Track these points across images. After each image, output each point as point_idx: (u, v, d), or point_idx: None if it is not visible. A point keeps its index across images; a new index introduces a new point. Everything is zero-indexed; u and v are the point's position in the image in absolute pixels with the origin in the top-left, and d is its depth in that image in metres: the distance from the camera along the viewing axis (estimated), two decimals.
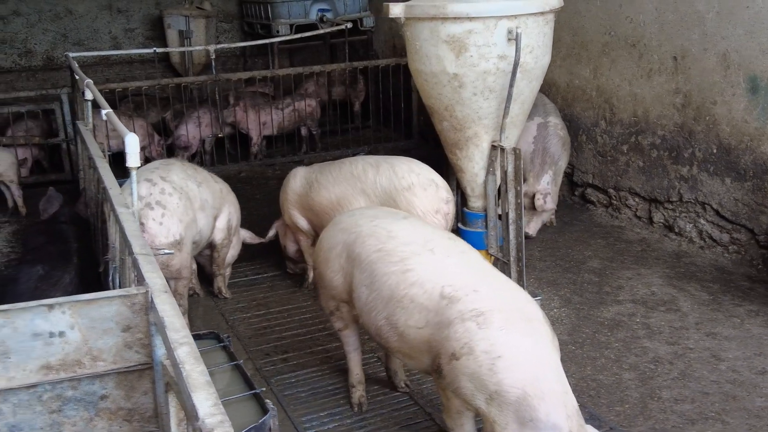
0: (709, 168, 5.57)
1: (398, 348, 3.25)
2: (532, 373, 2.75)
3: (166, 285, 2.49)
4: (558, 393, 2.75)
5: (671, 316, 4.76)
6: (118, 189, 3.70)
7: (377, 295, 3.26)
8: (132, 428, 2.62)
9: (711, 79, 5.43)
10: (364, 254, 3.37)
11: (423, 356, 3.12)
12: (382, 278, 3.24)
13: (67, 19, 9.95)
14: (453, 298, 2.99)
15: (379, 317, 3.25)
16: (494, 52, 4.11)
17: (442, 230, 3.66)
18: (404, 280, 3.15)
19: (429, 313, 3.04)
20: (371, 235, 3.41)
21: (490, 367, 2.78)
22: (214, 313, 5.08)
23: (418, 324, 3.08)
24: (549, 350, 2.87)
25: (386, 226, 3.44)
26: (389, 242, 3.33)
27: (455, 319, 2.92)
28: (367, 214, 3.66)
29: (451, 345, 2.90)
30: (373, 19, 9.63)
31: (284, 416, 3.86)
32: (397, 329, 3.17)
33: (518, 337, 2.84)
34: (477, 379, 2.81)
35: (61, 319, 2.40)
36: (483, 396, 2.81)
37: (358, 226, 3.52)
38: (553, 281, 5.32)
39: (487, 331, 2.84)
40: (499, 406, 2.77)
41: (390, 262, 3.24)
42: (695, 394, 3.96)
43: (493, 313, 2.88)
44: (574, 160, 6.83)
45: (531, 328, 2.88)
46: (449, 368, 2.91)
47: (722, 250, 5.57)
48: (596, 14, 6.34)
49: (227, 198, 5.02)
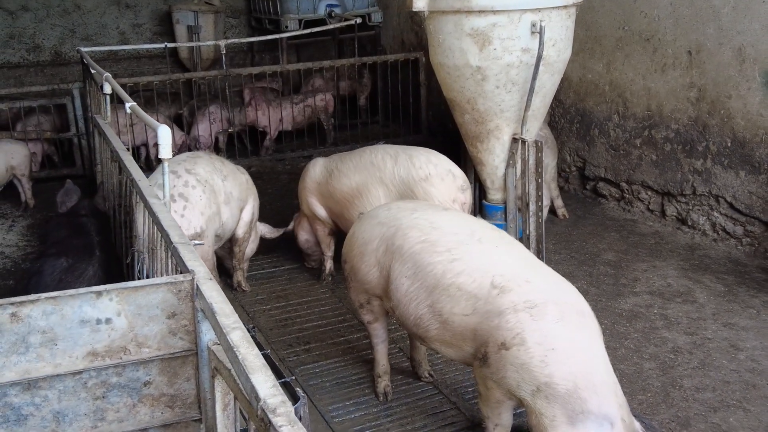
0: (723, 161, 5.62)
1: (437, 336, 3.24)
2: (583, 367, 2.76)
3: (209, 273, 2.52)
4: (609, 384, 2.77)
5: (688, 307, 4.81)
6: (147, 181, 3.72)
7: (420, 284, 3.25)
8: (174, 414, 2.65)
9: (726, 74, 5.47)
10: (406, 246, 3.36)
11: (465, 344, 3.11)
12: (426, 268, 3.23)
13: (76, 14, 9.96)
14: (504, 288, 2.98)
15: (421, 306, 3.24)
16: (518, 45, 4.14)
17: (484, 221, 3.65)
18: (451, 269, 3.14)
19: (478, 301, 3.03)
20: (413, 227, 3.40)
21: (542, 359, 2.78)
22: (234, 305, 5.06)
23: (465, 311, 3.06)
24: (599, 344, 2.89)
25: (428, 217, 3.43)
26: (433, 233, 3.32)
27: (507, 309, 2.92)
28: (405, 207, 3.64)
29: (502, 334, 2.90)
30: (381, 15, 9.66)
31: (310, 405, 3.89)
32: (441, 317, 3.16)
33: (571, 330, 2.84)
34: (526, 371, 2.81)
35: (108, 306, 2.43)
36: (530, 387, 2.82)
37: (398, 219, 3.50)
38: (569, 274, 5.36)
39: (541, 323, 2.85)
40: (546, 398, 2.78)
41: (435, 252, 3.23)
42: (716, 383, 4.00)
43: (547, 305, 2.89)
44: (586, 154, 6.87)
45: (582, 322, 2.90)
46: (497, 357, 2.91)
47: (736, 243, 5.62)
48: (610, 9, 6.37)
49: (252, 190, 5.06)
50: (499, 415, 3.10)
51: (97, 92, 5.64)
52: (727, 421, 3.69)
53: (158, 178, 4.18)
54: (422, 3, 4.26)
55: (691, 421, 3.71)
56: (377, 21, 9.68)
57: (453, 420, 3.76)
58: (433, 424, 3.74)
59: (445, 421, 3.76)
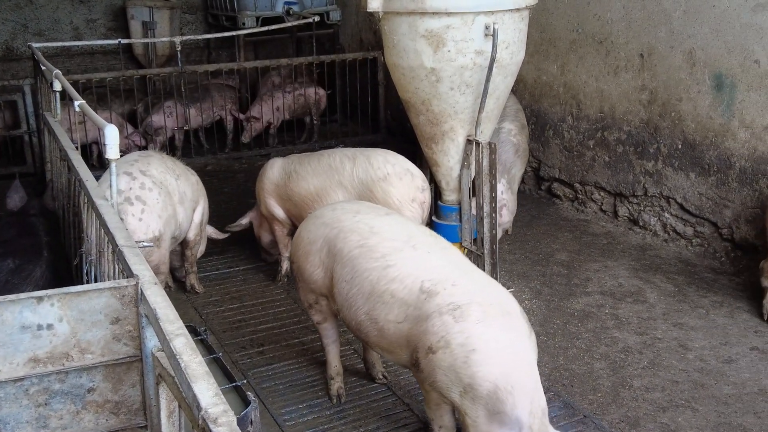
0: (674, 163, 5.71)
1: (377, 343, 3.28)
2: (504, 368, 2.79)
3: (154, 277, 2.48)
4: (527, 389, 2.79)
5: (639, 307, 4.88)
6: (94, 181, 3.65)
7: (358, 290, 3.27)
8: (119, 421, 2.60)
9: (677, 77, 5.56)
10: (345, 249, 3.38)
11: (402, 351, 3.15)
12: (363, 274, 3.26)
13: (28, 8, 9.74)
14: (431, 292, 3.02)
15: (360, 312, 3.27)
16: (471, 47, 4.15)
17: (424, 227, 3.68)
18: (385, 276, 3.17)
19: (408, 307, 3.07)
20: (354, 231, 3.42)
21: (465, 360, 2.82)
22: (187, 307, 5.04)
23: (398, 319, 3.11)
24: (524, 345, 2.91)
25: (369, 221, 3.45)
26: (371, 238, 3.34)
27: (433, 313, 2.96)
28: (348, 209, 3.66)
29: (429, 338, 2.94)
30: (339, 13, 9.63)
31: (263, 409, 3.87)
32: (377, 324, 3.20)
33: (494, 331, 2.87)
34: (452, 372, 2.85)
35: (50, 311, 2.37)
36: (457, 389, 2.86)
37: (340, 221, 3.52)
38: (523, 274, 5.41)
39: (464, 324, 2.88)
40: (471, 399, 2.82)
41: (371, 258, 3.26)
42: (665, 383, 4.07)
43: (470, 307, 2.92)
44: (541, 155, 6.93)
45: (508, 323, 2.92)
46: (426, 362, 2.95)
47: (686, 243, 5.72)
48: (564, 11, 6.44)
49: (202, 191, 4.99)
50: (441, 417, 3.14)
51: (47, 89, 5.53)
52: (675, 421, 3.75)
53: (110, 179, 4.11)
54: (377, 3, 4.25)
55: (641, 420, 3.76)
56: (336, 19, 9.65)
57: (406, 422, 3.77)
58: (387, 426, 3.74)
59: (398, 423, 3.76)
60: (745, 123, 5.15)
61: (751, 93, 5.07)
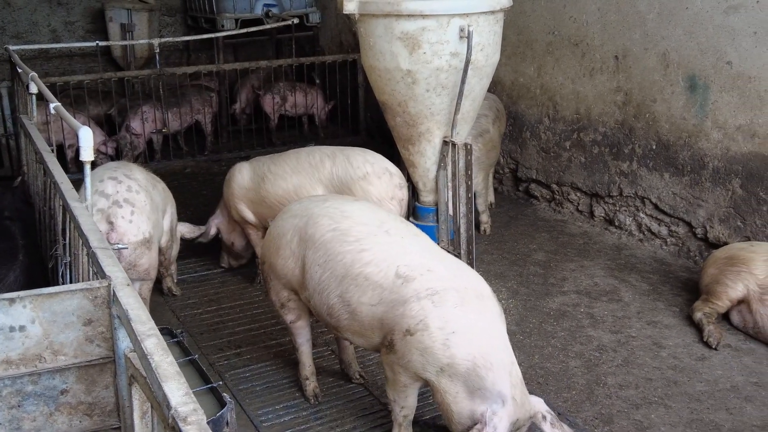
0: (649, 163, 5.77)
1: (348, 326, 3.35)
2: (481, 346, 2.98)
3: (127, 278, 2.49)
4: (505, 363, 2.99)
5: (614, 306, 4.93)
6: (69, 184, 3.64)
7: (331, 273, 3.34)
8: (92, 422, 2.61)
9: (651, 78, 5.63)
10: (317, 234, 3.43)
11: (373, 333, 3.26)
12: (336, 257, 3.32)
13: (6, 11, 9.67)
14: (408, 277, 3.14)
15: (332, 296, 3.34)
16: (447, 50, 4.19)
17: (394, 213, 3.81)
18: (360, 259, 3.26)
19: (384, 291, 3.17)
20: (324, 216, 3.48)
21: (444, 341, 2.98)
22: (164, 309, 5.04)
23: (372, 301, 3.20)
24: (498, 324, 3.10)
25: (339, 206, 3.52)
26: (344, 222, 3.41)
27: (411, 298, 3.08)
28: (316, 198, 3.74)
29: (406, 321, 3.07)
30: (319, 15, 9.65)
31: (240, 410, 3.88)
32: (349, 307, 3.28)
33: (470, 313, 3.04)
34: (430, 353, 3.01)
35: (22, 313, 2.38)
36: (434, 368, 3.02)
37: (309, 209, 3.58)
38: (500, 274, 5.45)
39: (442, 309, 3.03)
40: (449, 376, 2.99)
41: (345, 241, 3.33)
42: (639, 380, 4.11)
43: (447, 292, 3.06)
44: (518, 156, 6.98)
45: (482, 305, 3.09)
46: (402, 343, 3.08)
47: (661, 243, 5.78)
48: (541, 14, 6.49)
49: (169, 197, 4.95)
50: (405, 398, 3.29)
51: (24, 92, 5.50)
52: (648, 418, 3.80)
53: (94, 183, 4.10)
54: (353, 6, 4.27)
55: (614, 418, 3.80)
56: (315, 21, 9.67)
57: (383, 421, 3.79)
58: (363, 426, 3.76)
59: (375, 423, 3.78)
60: (718, 123, 5.22)
61: (724, 94, 5.14)
